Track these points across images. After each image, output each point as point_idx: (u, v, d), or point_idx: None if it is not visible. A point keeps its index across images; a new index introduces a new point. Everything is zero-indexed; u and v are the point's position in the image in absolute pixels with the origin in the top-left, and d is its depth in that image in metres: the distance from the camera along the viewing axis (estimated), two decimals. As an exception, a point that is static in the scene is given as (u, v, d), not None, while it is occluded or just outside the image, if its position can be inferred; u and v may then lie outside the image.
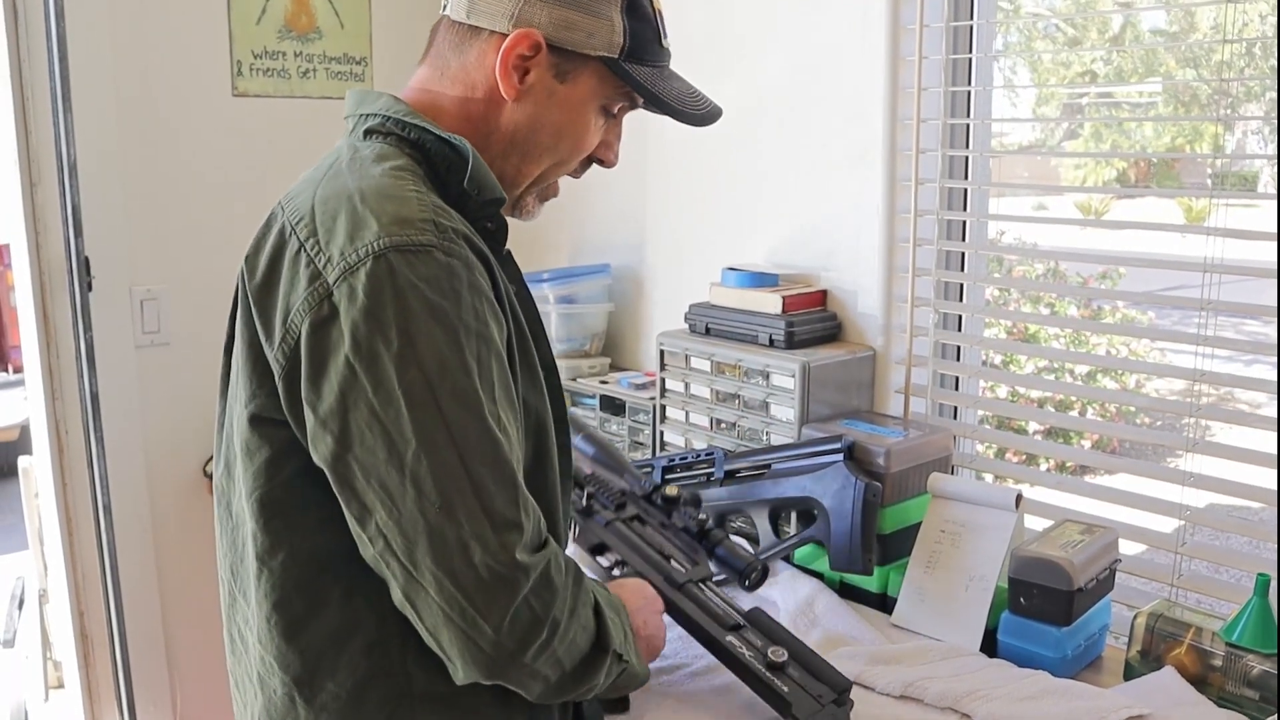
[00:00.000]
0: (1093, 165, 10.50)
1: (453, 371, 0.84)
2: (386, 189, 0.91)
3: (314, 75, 2.26)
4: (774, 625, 1.21)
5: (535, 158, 1.04)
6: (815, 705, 1.12)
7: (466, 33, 1.01)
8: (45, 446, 2.11)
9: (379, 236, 0.85)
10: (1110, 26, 5.40)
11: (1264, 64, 1.45)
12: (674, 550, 1.30)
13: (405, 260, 0.85)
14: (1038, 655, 1.30)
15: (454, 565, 0.83)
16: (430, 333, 0.84)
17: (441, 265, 0.86)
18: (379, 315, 0.83)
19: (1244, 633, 1.21)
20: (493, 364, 0.88)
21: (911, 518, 1.52)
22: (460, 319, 0.86)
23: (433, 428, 0.83)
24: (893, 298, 1.83)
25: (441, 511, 0.83)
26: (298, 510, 0.93)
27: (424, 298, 0.84)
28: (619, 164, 1.12)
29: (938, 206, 1.80)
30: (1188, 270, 1.52)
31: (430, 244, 0.86)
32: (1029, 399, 3.85)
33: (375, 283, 0.84)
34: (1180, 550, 1.52)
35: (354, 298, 0.84)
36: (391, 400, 0.83)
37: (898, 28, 1.77)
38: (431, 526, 0.83)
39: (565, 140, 1.04)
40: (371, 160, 0.95)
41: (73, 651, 2.17)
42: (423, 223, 0.87)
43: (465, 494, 0.84)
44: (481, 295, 0.88)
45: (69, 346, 2.03)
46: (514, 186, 1.06)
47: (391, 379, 0.83)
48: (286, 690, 0.96)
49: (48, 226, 2.01)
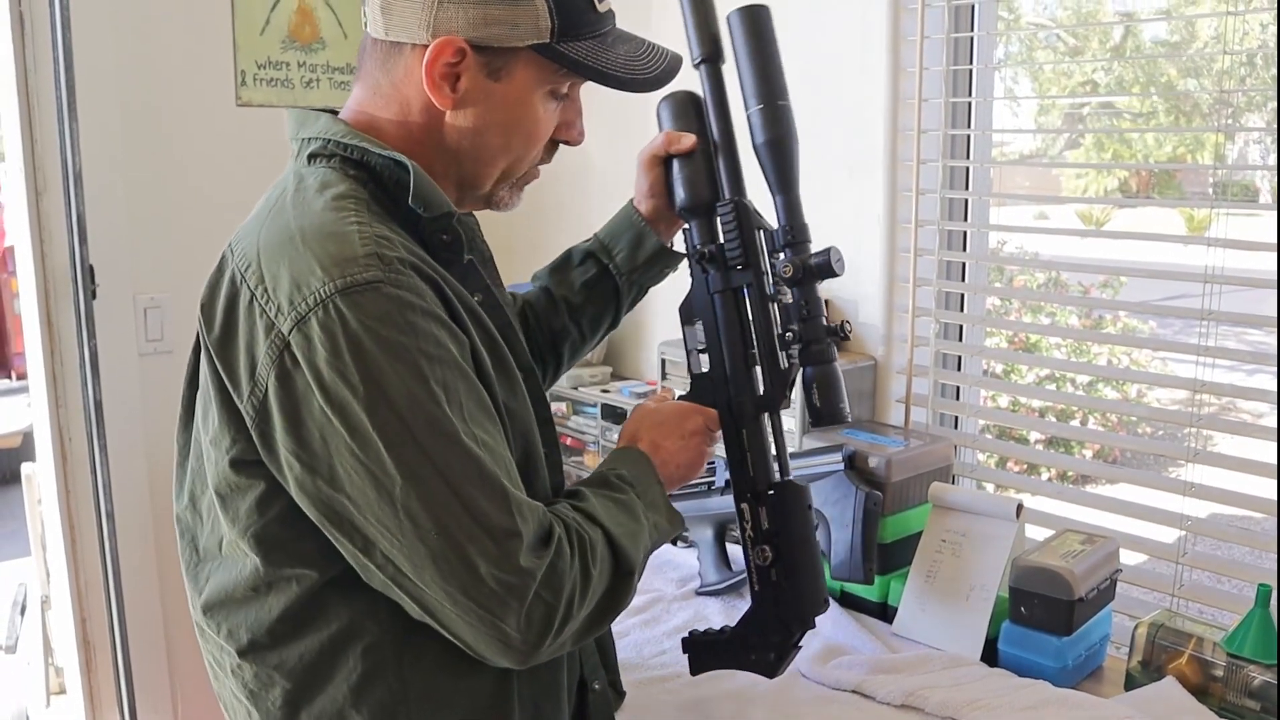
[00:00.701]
0: (1094, 175, 10.50)
1: (422, 404, 0.85)
2: (327, 226, 0.90)
3: (317, 85, 2.27)
4: (791, 514, 1.14)
5: (489, 160, 1.01)
6: (766, 659, 1.16)
7: (389, 49, 0.98)
8: (48, 453, 2.11)
9: (324, 282, 0.85)
10: (1111, 37, 5.42)
11: (1265, 74, 1.45)
12: (767, 353, 1.15)
13: (353, 302, 0.84)
14: (1038, 665, 1.30)
15: (463, 582, 0.85)
16: (393, 370, 0.84)
17: (391, 299, 0.85)
18: (339, 364, 0.83)
19: (1245, 643, 1.21)
20: (459, 384, 0.88)
21: (912, 527, 1.53)
22: (420, 350, 0.86)
23: (415, 462, 0.84)
24: (894, 307, 1.84)
25: (440, 537, 0.84)
26: (290, 540, 0.94)
27: (379, 337, 0.84)
28: (618, 169, 1.12)
29: (939, 217, 1.81)
30: (1188, 280, 1.53)
31: (376, 280, 0.85)
32: (1030, 409, 3.85)
33: (328, 331, 0.84)
34: (1181, 560, 1.52)
35: (311, 347, 0.84)
36: (369, 443, 0.84)
37: (898, 39, 1.78)
38: (434, 551, 0.84)
39: (516, 137, 1.01)
40: (315, 190, 0.94)
41: (75, 657, 2.18)
42: (366, 259, 0.86)
43: (459, 516, 0.85)
44: (434, 319, 0.88)
45: (73, 354, 2.04)
46: (477, 188, 1.04)
47: (365, 424, 0.84)
48: (286, 698, 0.96)
49: (52, 234, 2.02)
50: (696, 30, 1.17)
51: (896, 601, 1.47)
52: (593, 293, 1.30)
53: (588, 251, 1.30)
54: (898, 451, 1.53)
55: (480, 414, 0.90)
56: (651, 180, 1.23)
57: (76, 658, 2.17)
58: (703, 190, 1.18)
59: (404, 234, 0.95)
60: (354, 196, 0.94)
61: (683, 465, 1.12)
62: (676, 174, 1.19)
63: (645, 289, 1.33)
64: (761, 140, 1.14)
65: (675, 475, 1.12)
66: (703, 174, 1.18)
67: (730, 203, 1.16)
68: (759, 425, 1.16)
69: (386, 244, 0.89)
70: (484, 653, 0.88)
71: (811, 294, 1.12)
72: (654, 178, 1.23)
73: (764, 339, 1.14)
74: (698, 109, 1.20)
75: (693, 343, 1.20)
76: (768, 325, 1.14)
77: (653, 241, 1.27)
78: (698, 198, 1.18)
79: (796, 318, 1.13)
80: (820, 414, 1.12)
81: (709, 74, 1.18)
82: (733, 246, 1.15)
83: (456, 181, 1.02)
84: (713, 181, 1.18)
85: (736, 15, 1.14)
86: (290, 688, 0.96)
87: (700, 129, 1.19)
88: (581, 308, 1.30)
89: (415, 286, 0.88)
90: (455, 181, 1.02)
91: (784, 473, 1.16)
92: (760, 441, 1.15)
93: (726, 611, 1.50)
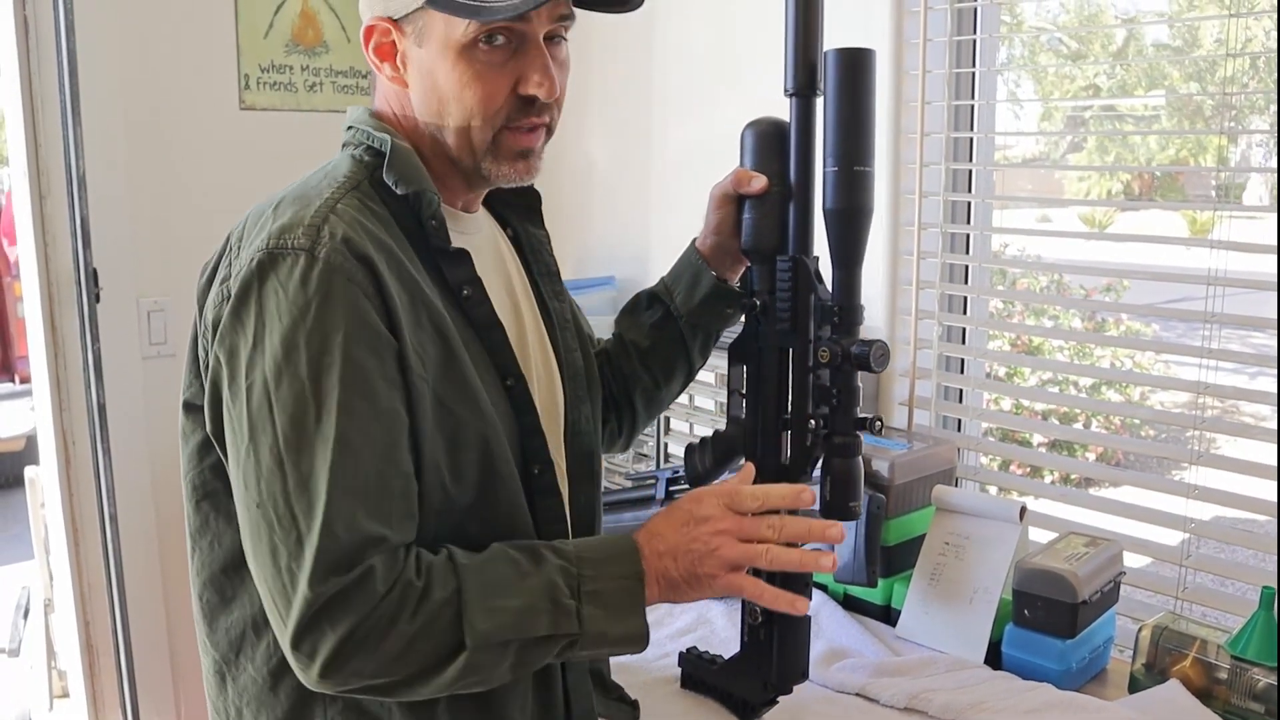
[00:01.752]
0: (1097, 178, 10.50)
1: (290, 382, 0.87)
2: (305, 193, 0.95)
3: (321, 89, 2.28)
4: (786, 586, 1.02)
5: (451, 127, 0.99)
6: (743, 702, 1.18)
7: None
8: (52, 456, 2.11)
9: (264, 242, 0.90)
10: (1114, 40, 5.42)
11: (1268, 78, 1.45)
12: (798, 425, 1.09)
13: (274, 266, 0.88)
14: (1042, 668, 1.30)
15: (265, 568, 0.87)
16: (280, 340, 0.87)
17: (302, 273, 0.88)
18: (241, 316, 0.89)
19: (1249, 645, 1.21)
20: (341, 372, 0.86)
21: (916, 530, 1.52)
22: (314, 329, 0.87)
23: (261, 431, 0.87)
24: (897, 310, 1.84)
25: (259, 510, 0.87)
26: (224, 494, 0.97)
27: (279, 304, 0.88)
28: (621, 171, 1.10)
29: (941, 220, 1.81)
30: (1191, 282, 1.53)
31: (300, 248, 0.89)
32: (1033, 411, 3.85)
33: (245, 286, 0.89)
34: (1185, 563, 1.52)
35: (235, 300, 0.89)
36: (238, 396, 0.89)
37: (901, 42, 1.78)
38: (253, 519, 0.88)
39: (459, 97, 0.97)
40: (325, 172, 0.99)
41: (78, 661, 2.18)
42: (308, 228, 0.90)
43: (278, 500, 0.86)
44: (345, 303, 0.88)
45: (76, 357, 2.04)
46: (466, 164, 1.02)
47: (241, 378, 0.88)
48: (215, 669, 1.01)
49: (56, 238, 2.02)
50: (794, 57, 1.09)
51: (900, 604, 1.47)
52: (660, 336, 1.25)
53: (653, 294, 1.27)
54: (901, 454, 1.53)
55: (361, 406, 0.87)
56: (719, 219, 1.18)
57: (80, 661, 2.17)
58: (768, 238, 1.12)
59: (389, 217, 0.96)
60: (350, 176, 0.97)
61: (688, 557, 0.93)
62: (746, 214, 1.14)
63: (711, 332, 1.26)
64: (830, 207, 1.06)
65: (678, 574, 0.93)
66: (771, 220, 1.12)
67: (790, 260, 1.10)
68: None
69: (342, 221, 0.91)
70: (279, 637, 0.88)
71: (848, 383, 1.06)
72: (722, 216, 1.17)
73: (797, 410, 1.10)
74: (781, 143, 1.11)
75: (736, 383, 1.16)
76: (804, 398, 1.09)
77: (708, 280, 1.21)
78: (761, 244, 1.12)
79: (829, 402, 1.07)
80: (829, 507, 1.08)
81: (799, 109, 1.10)
82: (783, 307, 1.10)
83: (453, 163, 1.02)
84: (780, 230, 1.12)
85: (834, 55, 1.05)
86: (222, 655, 1.00)
87: (780, 168, 1.11)
88: (650, 352, 1.26)
89: (342, 267, 0.88)
90: (451, 163, 1.03)
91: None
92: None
93: (729, 614, 1.50)
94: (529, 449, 1.02)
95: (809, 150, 1.10)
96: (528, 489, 1.01)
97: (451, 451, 0.94)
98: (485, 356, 0.99)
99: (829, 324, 1.07)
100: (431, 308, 0.94)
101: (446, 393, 0.94)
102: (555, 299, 1.19)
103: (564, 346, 1.17)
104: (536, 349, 1.12)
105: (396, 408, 0.89)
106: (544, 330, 1.15)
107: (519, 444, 1.01)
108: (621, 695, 1.22)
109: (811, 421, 1.08)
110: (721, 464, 1.20)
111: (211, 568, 1.00)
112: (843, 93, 1.04)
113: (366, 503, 0.86)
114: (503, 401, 1.00)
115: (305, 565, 0.84)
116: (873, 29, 1.79)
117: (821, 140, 1.07)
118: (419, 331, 0.92)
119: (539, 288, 1.18)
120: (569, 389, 1.15)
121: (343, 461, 0.86)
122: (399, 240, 0.95)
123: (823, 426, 1.08)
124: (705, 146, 2.10)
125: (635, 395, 1.28)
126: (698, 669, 1.28)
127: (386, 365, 0.89)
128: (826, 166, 1.06)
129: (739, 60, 2.02)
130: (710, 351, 1.28)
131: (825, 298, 1.08)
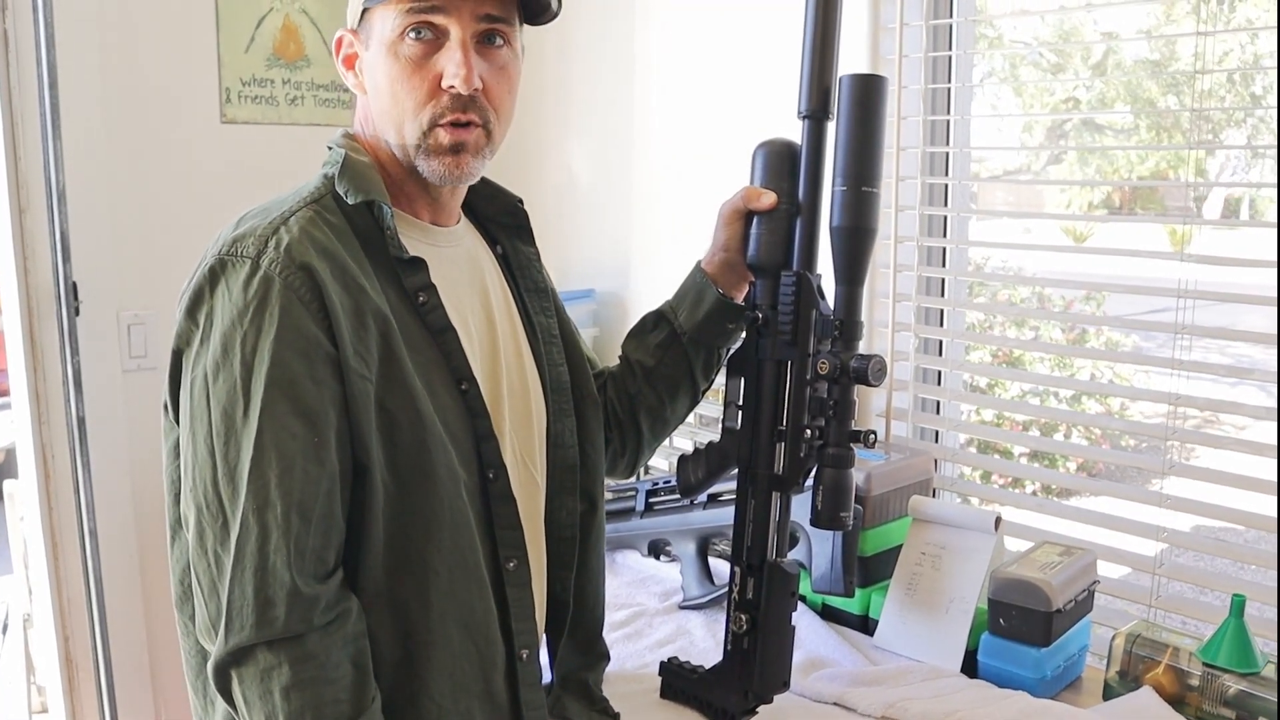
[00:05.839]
0: (1077, 190, 10.58)
1: (222, 375, 0.93)
2: (269, 208, 1.00)
3: (302, 102, 2.28)
4: (773, 595, 1.16)
5: (392, 127, 1.04)
6: (722, 712, 1.20)
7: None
8: (31, 470, 2.10)
9: (220, 249, 0.96)
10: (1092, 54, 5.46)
11: (1244, 91, 1.48)
12: (792, 437, 1.13)
13: (223, 271, 0.95)
14: (1017, 676, 1.31)
15: (194, 550, 0.95)
16: (215, 336, 0.93)
17: (244, 279, 0.94)
18: (194, 316, 0.96)
19: (1220, 652, 1.22)
20: (260, 377, 0.92)
21: (892, 540, 1.54)
22: (241, 330, 0.92)
23: (199, 420, 0.94)
24: (873, 322, 1.86)
25: (191, 495, 0.95)
26: None
27: (224, 306, 0.94)
28: (603, 185, 1.13)
29: (918, 233, 1.83)
30: (1159, 295, 1.54)
31: (247, 256, 0.94)
32: (1014, 422, 3.86)
33: (198, 289, 0.96)
34: (1158, 572, 1.54)
35: (189, 300, 0.97)
36: (184, 389, 0.97)
37: (877, 57, 1.80)
38: (186, 504, 0.96)
39: (392, 92, 1.02)
40: (300, 187, 1.04)
41: (57, 677, 2.16)
42: (258, 239, 0.95)
43: (209, 490, 0.93)
44: (278, 310, 0.92)
45: (56, 370, 2.03)
46: (405, 158, 1.05)
47: (188, 370, 0.96)
48: (195, 650, 1.05)
49: (35, 252, 2.01)
50: (809, 80, 1.13)
51: (877, 614, 1.48)
52: (665, 355, 1.27)
53: (659, 314, 1.29)
54: (878, 465, 1.55)
55: (283, 404, 0.92)
56: (728, 235, 1.20)
57: (59, 677, 2.15)
58: (774, 253, 1.15)
59: (346, 229, 1.00)
60: (315, 191, 1.02)
61: None
62: (754, 230, 1.17)
63: (715, 351, 1.28)
64: (837, 224, 1.10)
65: None
66: (779, 236, 1.15)
67: (794, 275, 1.13)
68: (767, 500, 1.16)
69: (289, 233, 0.95)
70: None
71: (845, 396, 1.10)
72: (731, 233, 1.20)
73: (793, 421, 1.13)
74: (792, 163, 1.15)
75: (733, 395, 1.19)
76: (799, 410, 1.12)
77: (711, 296, 1.23)
78: (768, 259, 1.15)
79: (825, 414, 1.10)
80: (820, 516, 1.10)
81: (810, 131, 1.14)
82: (785, 320, 1.13)
83: (409, 171, 1.06)
84: (786, 247, 1.15)
85: (848, 81, 1.10)
86: (194, 645, 1.05)
87: (790, 187, 1.15)
88: (654, 371, 1.27)
89: (282, 274, 0.93)
90: (408, 172, 1.06)
91: (779, 553, 1.17)
92: (764, 516, 1.16)
93: (709, 625, 1.51)
94: (483, 453, 1.04)
95: (819, 170, 1.14)
96: (484, 493, 1.04)
97: (389, 450, 0.97)
98: (440, 360, 1.02)
99: (829, 338, 1.11)
100: (378, 313, 0.97)
101: (386, 394, 0.97)
102: (542, 314, 1.21)
103: (548, 360, 1.19)
104: (512, 360, 1.14)
105: (322, 408, 0.93)
106: (525, 343, 1.17)
107: (474, 448, 1.03)
108: (605, 708, 1.23)
109: (807, 432, 1.11)
110: (714, 474, 1.22)
111: (183, 561, 1.05)
112: (855, 116, 1.09)
113: (289, 494, 0.93)
114: (456, 405, 1.03)
115: (230, 550, 0.91)
116: (849, 45, 1.80)
117: (831, 161, 1.11)
118: (363, 335, 0.96)
119: (525, 303, 1.20)
120: (551, 402, 1.17)
121: (261, 456, 0.91)
122: (352, 249, 0.99)
123: (817, 438, 1.11)
124: (686, 161, 2.12)
125: (640, 415, 1.29)
126: (678, 679, 1.29)
127: (316, 367, 0.93)
128: (835, 186, 1.10)
129: (721, 75, 2.04)
130: (715, 371, 1.30)
131: (827, 313, 1.12)
